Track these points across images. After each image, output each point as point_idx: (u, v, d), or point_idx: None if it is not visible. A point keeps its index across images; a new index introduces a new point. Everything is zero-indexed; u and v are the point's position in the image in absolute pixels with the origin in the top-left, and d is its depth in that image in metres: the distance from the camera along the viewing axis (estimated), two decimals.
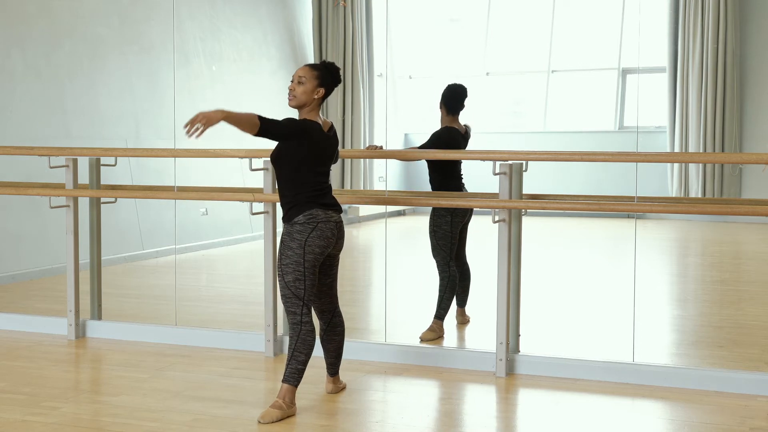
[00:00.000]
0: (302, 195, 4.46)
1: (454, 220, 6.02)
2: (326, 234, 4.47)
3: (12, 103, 8.47)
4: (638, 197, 5.38)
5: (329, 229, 4.49)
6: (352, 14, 12.62)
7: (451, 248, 6.04)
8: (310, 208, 4.45)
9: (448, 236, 6.01)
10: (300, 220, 4.45)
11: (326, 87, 4.52)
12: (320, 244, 4.46)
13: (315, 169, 4.49)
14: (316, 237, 4.44)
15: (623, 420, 4.54)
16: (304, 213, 4.44)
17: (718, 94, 12.09)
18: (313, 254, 4.44)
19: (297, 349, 4.44)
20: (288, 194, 4.49)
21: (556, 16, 13.12)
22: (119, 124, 9.64)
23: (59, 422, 4.39)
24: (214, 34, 11.14)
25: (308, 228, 4.44)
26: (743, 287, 8.40)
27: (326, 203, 4.51)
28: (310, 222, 4.44)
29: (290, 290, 4.45)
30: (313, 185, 4.48)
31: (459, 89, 6.12)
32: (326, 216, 4.48)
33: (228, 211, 9.74)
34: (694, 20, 12.24)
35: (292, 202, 4.48)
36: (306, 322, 4.45)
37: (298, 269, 4.43)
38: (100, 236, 6.35)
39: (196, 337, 5.96)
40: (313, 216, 4.45)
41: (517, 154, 5.22)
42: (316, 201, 4.47)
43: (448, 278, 6.03)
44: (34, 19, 8.74)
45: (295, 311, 4.45)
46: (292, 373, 4.44)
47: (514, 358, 5.27)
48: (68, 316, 6.15)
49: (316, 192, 4.48)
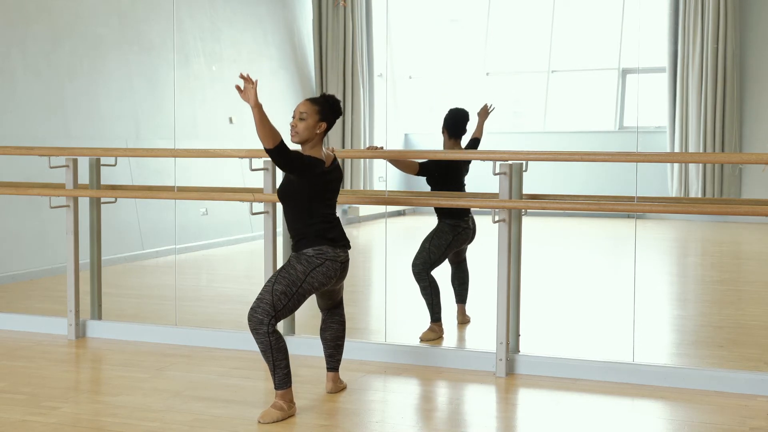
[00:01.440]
0: (311, 228, 4.49)
1: (454, 241, 6.04)
2: (330, 273, 4.51)
3: (12, 103, 8.47)
4: (638, 197, 5.39)
5: (335, 269, 4.52)
6: (352, 14, 12.62)
7: (436, 262, 6.03)
8: (320, 243, 4.48)
9: (441, 251, 6.02)
10: (309, 252, 4.48)
11: (328, 121, 4.54)
12: (322, 281, 4.49)
13: (322, 203, 4.52)
14: (320, 273, 4.47)
15: (623, 420, 4.54)
16: (313, 247, 4.48)
17: (718, 94, 12.09)
18: (311, 285, 4.46)
19: (276, 358, 4.39)
20: (297, 227, 4.52)
21: (556, 16, 13.12)
22: (119, 124, 9.64)
23: (59, 422, 4.39)
24: (214, 34, 11.14)
25: (316, 262, 4.47)
26: (743, 287, 8.40)
27: (334, 238, 4.53)
28: (318, 257, 4.47)
29: (272, 298, 4.40)
30: (321, 218, 4.51)
31: (461, 113, 6.13)
32: (334, 254, 4.51)
33: (228, 211, 9.74)
34: (694, 20, 12.24)
35: (301, 234, 4.51)
36: (272, 332, 4.38)
37: (291, 287, 4.43)
38: (100, 236, 6.35)
39: (196, 337, 5.96)
40: (323, 252, 4.48)
41: (517, 154, 5.22)
42: (325, 236, 4.50)
43: (429, 285, 6.02)
44: (34, 19, 8.74)
45: (263, 320, 4.36)
46: (281, 380, 4.43)
47: (514, 358, 5.27)
48: (68, 316, 6.15)
49: (324, 225, 4.51)
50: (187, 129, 10.18)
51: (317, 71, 12.77)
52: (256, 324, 4.37)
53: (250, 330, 4.40)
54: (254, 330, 4.38)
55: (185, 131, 10.06)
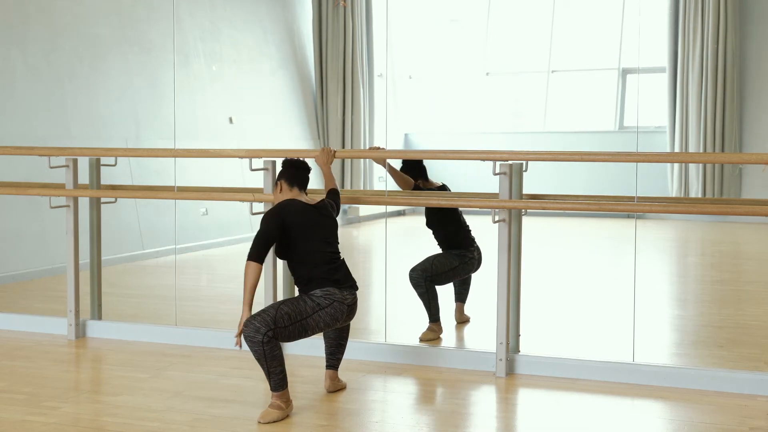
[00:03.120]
0: (316, 272, 4.56)
1: (457, 270, 6.07)
2: (337, 315, 4.56)
3: (12, 103, 8.47)
4: (638, 197, 5.38)
5: (341, 311, 4.58)
6: (352, 14, 12.62)
7: (436, 274, 6.02)
8: (326, 285, 4.55)
9: (446, 268, 6.03)
10: (317, 293, 4.54)
11: (282, 177, 4.79)
12: (327, 321, 4.55)
13: (318, 240, 4.59)
14: (327, 314, 4.53)
15: (623, 420, 4.54)
16: (321, 288, 4.54)
17: (718, 94, 12.09)
18: (316, 323, 4.51)
19: (270, 365, 4.39)
20: (303, 273, 4.60)
21: (556, 16, 13.11)
22: (119, 124, 9.64)
23: (59, 422, 4.39)
24: (214, 34, 11.14)
25: (324, 302, 4.52)
26: (743, 287, 8.40)
27: (340, 280, 4.59)
28: (326, 298, 4.53)
29: (275, 312, 4.41)
30: (324, 259, 4.59)
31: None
32: (342, 297, 4.57)
33: (228, 211, 9.74)
34: (694, 20, 12.24)
35: (307, 279, 4.58)
36: (267, 342, 4.36)
37: (297, 315, 4.46)
38: (100, 236, 6.35)
39: (196, 337, 5.96)
40: (330, 294, 4.55)
41: (517, 154, 5.22)
42: (330, 277, 4.57)
43: (426, 291, 6.02)
44: (34, 19, 8.74)
45: (259, 329, 4.34)
46: (277, 384, 4.42)
47: (514, 358, 5.27)
48: (68, 316, 6.15)
49: (328, 266, 4.58)
50: (187, 129, 10.18)
51: (317, 71, 12.77)
52: (252, 332, 4.34)
53: (245, 339, 4.36)
54: (249, 338, 4.35)
55: (185, 131, 10.06)
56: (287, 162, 4.85)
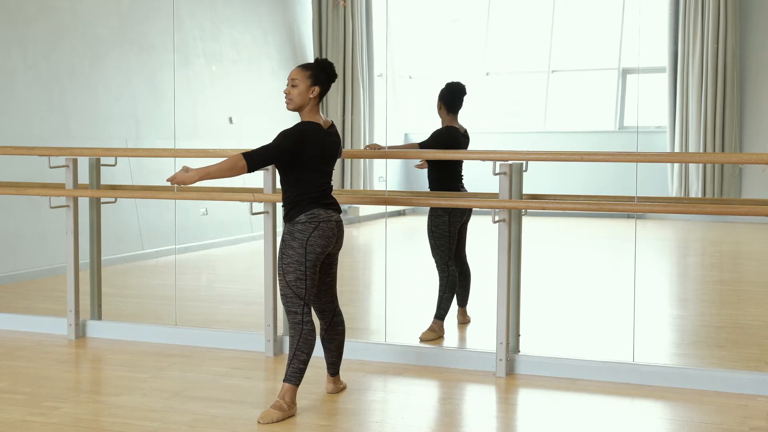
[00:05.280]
0: (305, 195, 4.48)
1: (452, 220, 6.01)
2: (327, 233, 4.49)
3: (12, 102, 8.47)
4: (638, 197, 5.38)
5: (330, 228, 4.51)
6: (352, 14, 12.62)
7: (450, 248, 6.03)
8: (312, 207, 4.47)
9: (446, 236, 6.01)
10: (302, 219, 4.47)
11: (321, 84, 4.52)
12: (321, 244, 4.48)
13: (321, 169, 4.51)
14: (317, 236, 4.46)
15: (623, 420, 4.54)
16: (306, 212, 4.47)
17: (718, 94, 12.08)
18: (314, 253, 4.46)
19: (299, 348, 4.45)
20: (291, 194, 4.51)
21: (556, 16, 13.11)
22: (119, 124, 9.64)
23: (59, 422, 4.39)
24: (214, 34, 11.14)
25: (310, 227, 4.46)
26: (743, 287, 8.40)
27: (327, 203, 4.54)
28: (311, 221, 4.46)
29: (291, 290, 4.46)
30: (317, 185, 4.51)
31: (458, 87, 6.11)
32: (327, 215, 4.51)
33: (228, 211, 9.73)
34: (694, 20, 12.24)
35: (294, 201, 4.50)
36: (307, 321, 4.46)
37: (299, 269, 4.44)
38: (100, 236, 6.35)
39: (196, 337, 5.96)
40: (315, 215, 4.47)
41: (517, 154, 5.22)
42: (318, 201, 4.50)
43: (448, 278, 6.03)
44: (34, 19, 8.74)
45: (296, 311, 4.46)
46: (293, 373, 4.45)
47: (514, 358, 5.27)
48: (68, 316, 6.15)
49: (318, 192, 4.51)
50: (187, 129, 10.18)
51: None
52: (290, 314, 4.49)
53: (285, 313, 4.50)
54: (290, 320, 4.50)
55: (185, 131, 10.05)
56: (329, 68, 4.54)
